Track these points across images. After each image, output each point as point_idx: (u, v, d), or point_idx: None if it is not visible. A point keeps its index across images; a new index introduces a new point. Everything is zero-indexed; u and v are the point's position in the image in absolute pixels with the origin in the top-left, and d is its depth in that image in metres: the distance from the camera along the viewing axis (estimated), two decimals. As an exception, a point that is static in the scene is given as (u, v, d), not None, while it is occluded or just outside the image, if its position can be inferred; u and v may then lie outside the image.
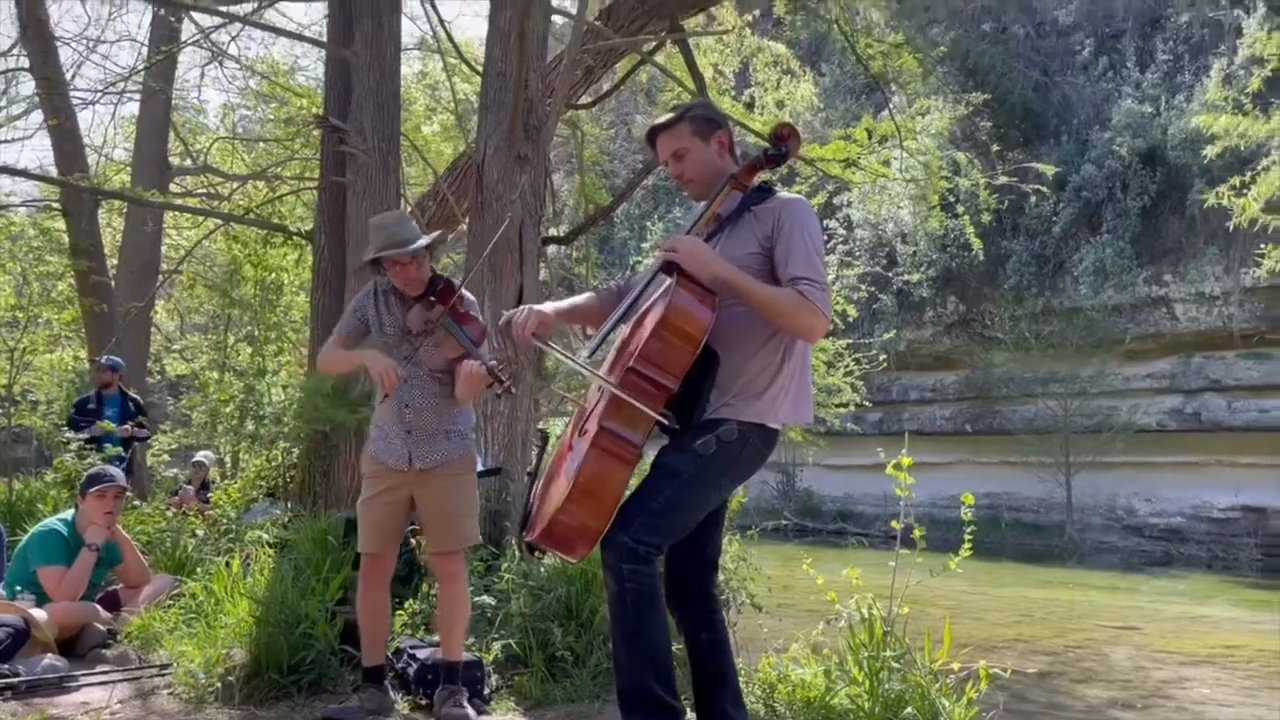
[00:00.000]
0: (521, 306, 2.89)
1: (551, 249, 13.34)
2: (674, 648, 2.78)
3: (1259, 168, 8.93)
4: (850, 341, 9.17)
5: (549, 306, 2.91)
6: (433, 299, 3.49)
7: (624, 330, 2.82)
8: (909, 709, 3.79)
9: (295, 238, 8.53)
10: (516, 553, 4.61)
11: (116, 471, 4.92)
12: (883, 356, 11.74)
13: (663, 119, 2.86)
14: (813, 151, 7.33)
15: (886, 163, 9.07)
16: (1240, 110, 7.55)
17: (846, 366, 8.61)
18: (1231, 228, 10.88)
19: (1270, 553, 17.41)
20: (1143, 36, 20.48)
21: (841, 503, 21.66)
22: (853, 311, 9.94)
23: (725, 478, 2.66)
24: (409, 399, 3.49)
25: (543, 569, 4.57)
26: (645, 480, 2.65)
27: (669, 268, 2.60)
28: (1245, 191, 5.97)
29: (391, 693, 3.66)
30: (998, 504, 20.43)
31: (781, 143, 2.66)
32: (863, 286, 13.44)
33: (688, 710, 2.67)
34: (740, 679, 4.05)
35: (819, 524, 21.04)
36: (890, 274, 20.26)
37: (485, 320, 3.70)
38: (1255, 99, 8.88)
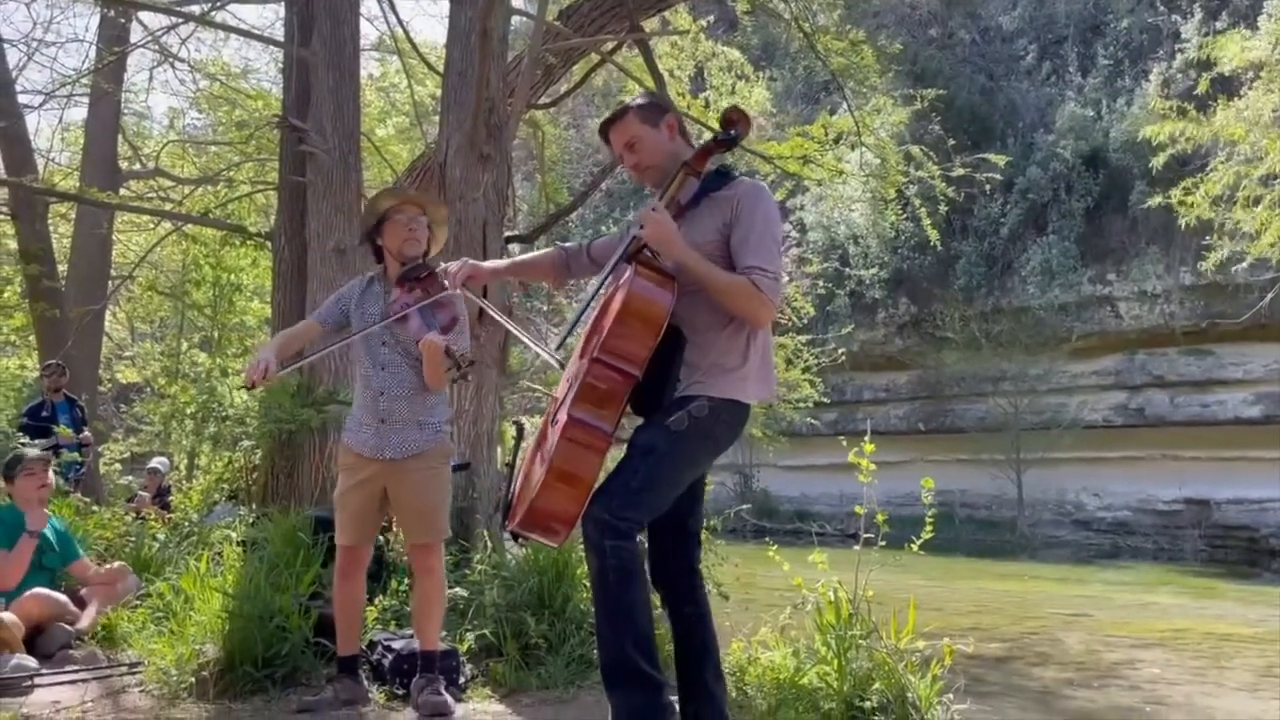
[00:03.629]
0: (460, 260, 3.01)
1: (513, 251, 13.35)
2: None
3: (1208, 168, 9.20)
4: (809, 338, 9.32)
5: (490, 264, 3.07)
6: (417, 278, 3.50)
7: (591, 317, 2.88)
8: (877, 685, 3.88)
9: (254, 239, 8.46)
10: (488, 545, 4.64)
11: (31, 450, 4.90)
12: (841, 350, 11.91)
13: (611, 114, 2.93)
14: (771, 149, 7.45)
15: (842, 161, 9.27)
16: (1183, 114, 7.82)
17: (805, 363, 8.75)
18: (1179, 227, 11.20)
19: (1213, 543, 17.93)
20: (1084, 42, 21.04)
21: (798, 503, 21.87)
22: (810, 309, 10.09)
23: (700, 453, 2.73)
24: (384, 386, 3.49)
25: (513, 559, 4.61)
26: (623, 458, 2.71)
27: (636, 250, 2.68)
28: (1194, 191, 6.19)
29: (365, 683, 3.67)
30: (951, 501, 20.77)
31: (731, 126, 2.71)
32: (819, 284, 13.65)
33: (669, 684, 2.72)
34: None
35: (776, 524, 21.19)
36: (845, 269, 20.52)
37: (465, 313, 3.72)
38: (1196, 101, 9.19)
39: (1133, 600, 11.77)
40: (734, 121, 2.72)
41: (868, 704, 3.83)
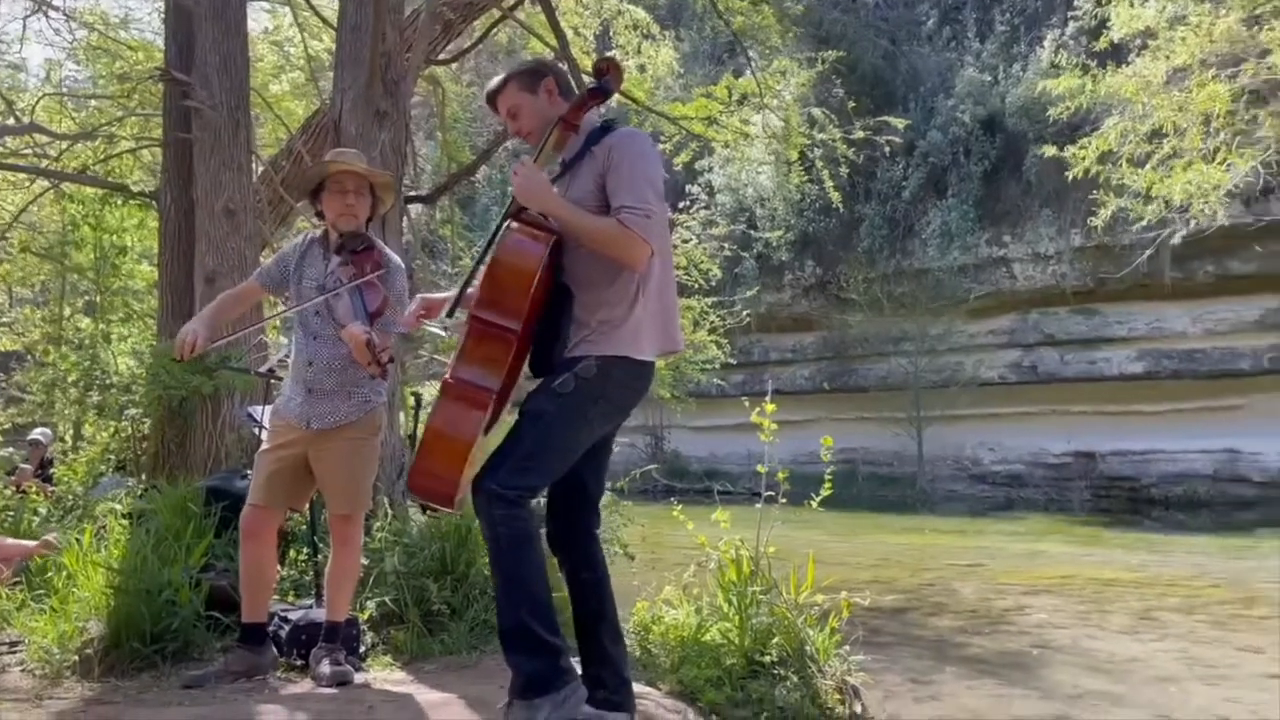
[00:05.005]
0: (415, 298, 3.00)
1: (415, 212, 13.06)
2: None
3: (1101, 128, 9.45)
4: (717, 300, 9.38)
5: (441, 295, 3.02)
6: (354, 251, 3.40)
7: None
8: (777, 639, 3.96)
9: (138, 198, 8.07)
10: (388, 512, 4.57)
11: None
12: (746, 312, 12.03)
13: (493, 83, 2.91)
14: (675, 109, 7.42)
15: (748, 123, 9.29)
16: (1084, 70, 8.05)
17: (711, 324, 8.82)
18: (1071, 190, 11.58)
19: (1099, 493, 18.83)
20: (982, 8, 21.47)
21: (708, 463, 22.15)
22: (717, 270, 10.15)
23: (591, 413, 2.68)
24: (313, 356, 3.41)
25: (415, 526, 4.55)
26: (513, 426, 2.68)
27: (518, 209, 2.68)
28: (1086, 145, 6.41)
29: (272, 652, 3.57)
30: (854, 458, 21.31)
31: (602, 76, 2.71)
32: (727, 246, 13.73)
33: (567, 648, 2.73)
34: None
35: (686, 484, 21.44)
36: (752, 232, 20.72)
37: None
38: (1094, 58, 9.44)
39: (1024, 549, 12.28)
40: (603, 71, 2.71)
41: (768, 658, 3.91)
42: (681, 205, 19.10)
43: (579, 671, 2.75)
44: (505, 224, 2.69)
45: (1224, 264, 16.86)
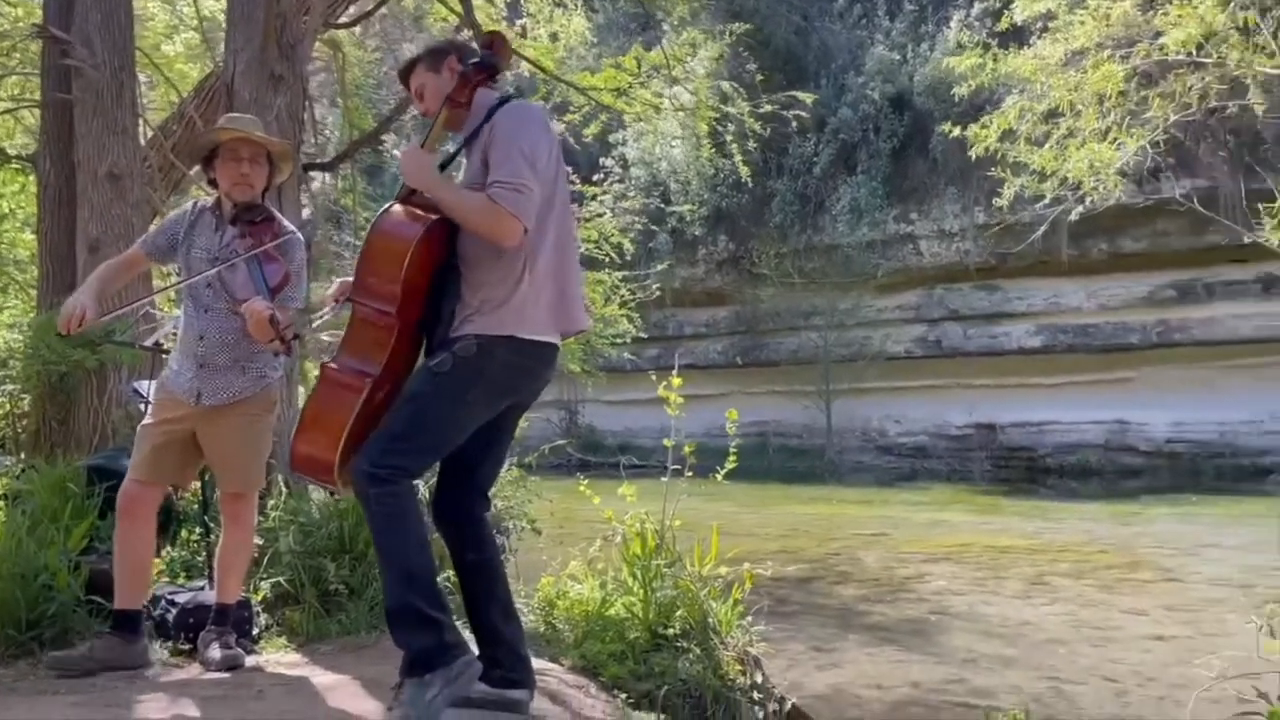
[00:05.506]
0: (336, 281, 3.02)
1: (317, 182, 12.69)
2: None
3: (1001, 108, 9.68)
4: (626, 274, 9.36)
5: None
6: (251, 222, 3.25)
7: None
8: (680, 612, 3.99)
9: (14, 162, 7.62)
10: (283, 490, 4.44)
11: None
12: (656, 287, 12.04)
13: (403, 64, 2.91)
14: (584, 80, 7.33)
15: (662, 97, 9.24)
16: (986, 48, 8.22)
17: (622, 299, 8.80)
18: (975, 169, 11.85)
19: (998, 464, 19.49)
20: (892, -13, 21.76)
21: (622, 437, 22.19)
22: (629, 245, 10.11)
23: (471, 393, 2.63)
24: (204, 330, 3.27)
25: (315, 508, 4.43)
26: (392, 407, 2.65)
27: (408, 192, 2.67)
28: (987, 124, 6.56)
29: (147, 641, 3.43)
30: (765, 430, 21.62)
31: (487, 49, 2.68)
32: (639, 221, 13.67)
33: (453, 623, 2.70)
34: (522, 601, 4.14)
35: (600, 458, 21.48)
36: (666, 206, 20.75)
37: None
38: (996, 39, 9.65)
39: (926, 519, 12.65)
40: (489, 45, 2.68)
41: (671, 630, 3.93)
42: (595, 178, 19.09)
43: (472, 648, 2.73)
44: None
45: (1116, 242, 17.53)
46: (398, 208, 2.64)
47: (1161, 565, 8.65)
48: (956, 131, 7.49)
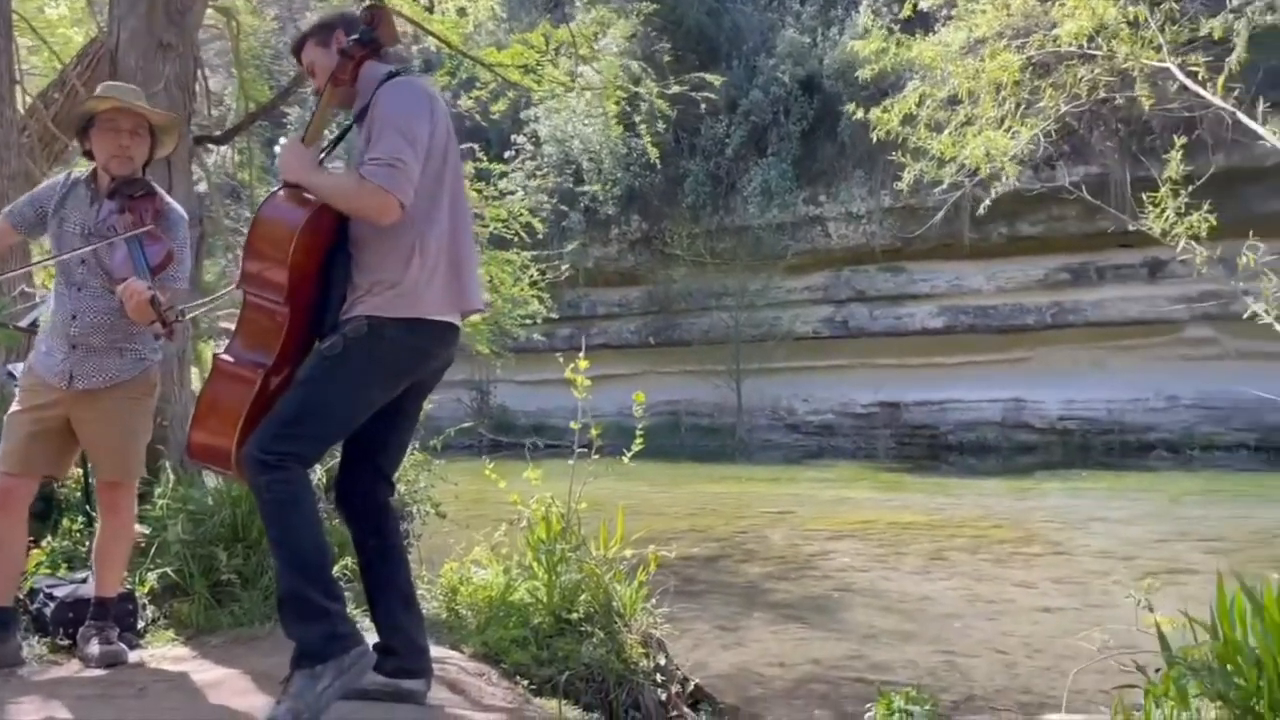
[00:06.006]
0: None
1: (214, 155, 12.22)
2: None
3: (903, 93, 9.87)
4: (536, 254, 9.25)
5: None
6: (131, 197, 3.08)
7: None
8: (584, 596, 3.98)
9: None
10: (170, 477, 4.28)
11: None
12: (565, 267, 11.94)
13: (294, 40, 2.87)
14: (491, 56, 7.19)
15: (572, 76, 9.14)
16: (891, 32, 8.34)
17: (531, 278, 8.71)
18: (881, 152, 12.04)
19: (901, 441, 20.01)
20: (803, -30, 21.91)
21: (535, 417, 22.07)
22: (539, 225, 10.00)
23: (366, 375, 2.58)
24: (77, 309, 3.09)
25: (207, 495, 4.28)
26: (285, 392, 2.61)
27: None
28: (889, 109, 6.67)
29: (19, 639, 3.26)
30: (678, 410, 21.78)
31: (367, 25, 2.63)
32: (548, 201, 13.56)
33: (347, 613, 2.64)
34: (425, 588, 4.08)
35: (513, 439, 21.36)
36: (578, 187, 20.67)
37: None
38: (899, 25, 9.82)
39: (832, 496, 12.91)
40: (369, 21, 2.63)
41: (575, 615, 3.92)
42: (507, 154, 18.83)
43: (367, 639, 2.68)
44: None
45: (1015, 226, 18.08)
46: (282, 192, 2.58)
47: (1051, 539, 9.00)
48: (861, 115, 7.59)
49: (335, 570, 2.90)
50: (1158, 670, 2.42)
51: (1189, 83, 4.78)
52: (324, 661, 2.48)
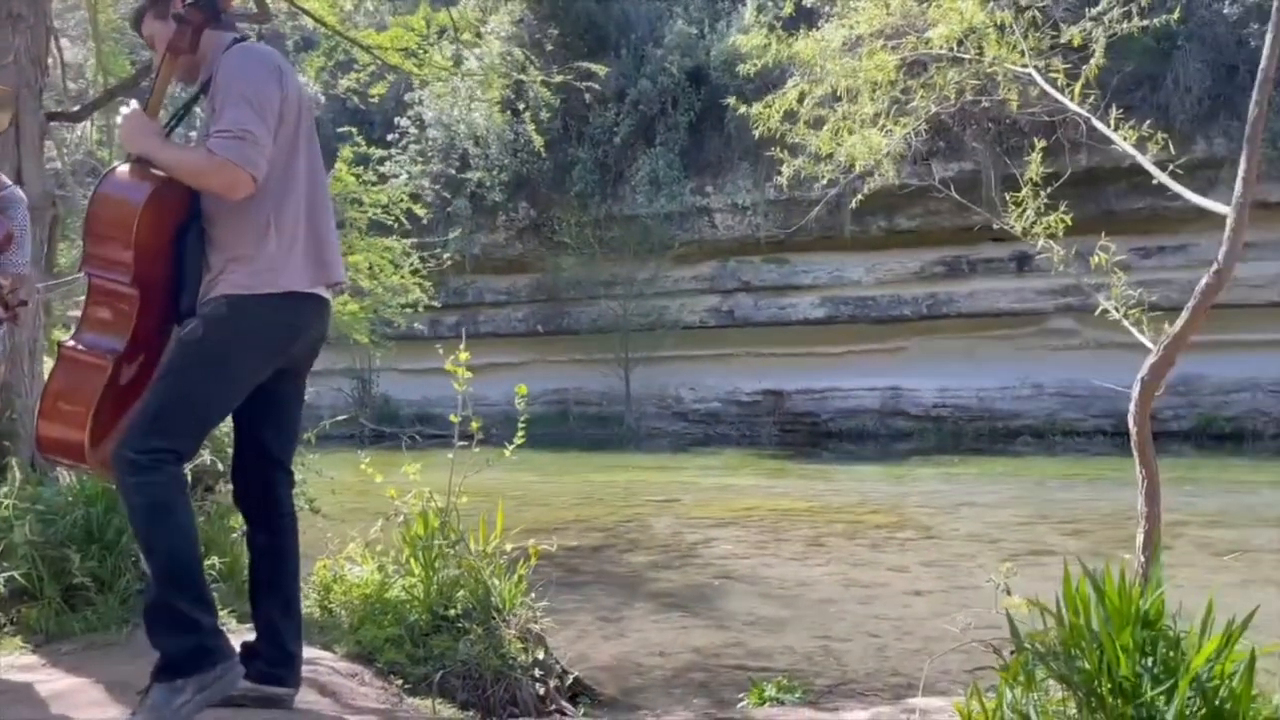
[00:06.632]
0: None
1: (75, 132, 11.56)
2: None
3: (783, 90, 10.02)
4: (416, 241, 9.05)
5: None
6: None
7: None
8: (462, 592, 3.93)
9: None
10: (16, 476, 4.03)
11: None
12: (447, 256, 11.74)
13: (132, 12, 2.74)
14: (370, 37, 6.99)
15: (458, 62, 8.96)
16: (771, 29, 8.46)
17: (413, 265, 8.52)
18: (766, 146, 12.19)
19: (785, 428, 20.46)
20: (691, -39, 22.03)
21: (420, 406, 21.68)
22: (420, 212, 9.79)
23: (232, 357, 2.48)
24: None
25: (59, 493, 4.05)
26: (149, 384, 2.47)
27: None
28: (770, 104, 6.77)
29: None
30: (566, 399, 21.75)
31: None
32: (430, 187, 13.32)
33: (217, 626, 2.54)
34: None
35: (397, 429, 20.96)
36: (463, 174, 20.39)
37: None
38: (780, 20, 9.97)
39: (716, 483, 13.11)
40: None
41: (453, 611, 3.87)
42: (390, 137, 18.37)
43: (235, 652, 2.58)
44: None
45: (893, 220, 18.67)
46: (123, 168, 2.46)
47: (923, 523, 9.34)
48: (743, 109, 7.68)
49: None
50: (1013, 652, 2.52)
51: (1048, 87, 4.99)
52: (187, 675, 2.38)
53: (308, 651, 3.23)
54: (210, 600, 2.54)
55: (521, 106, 16.03)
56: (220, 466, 5.11)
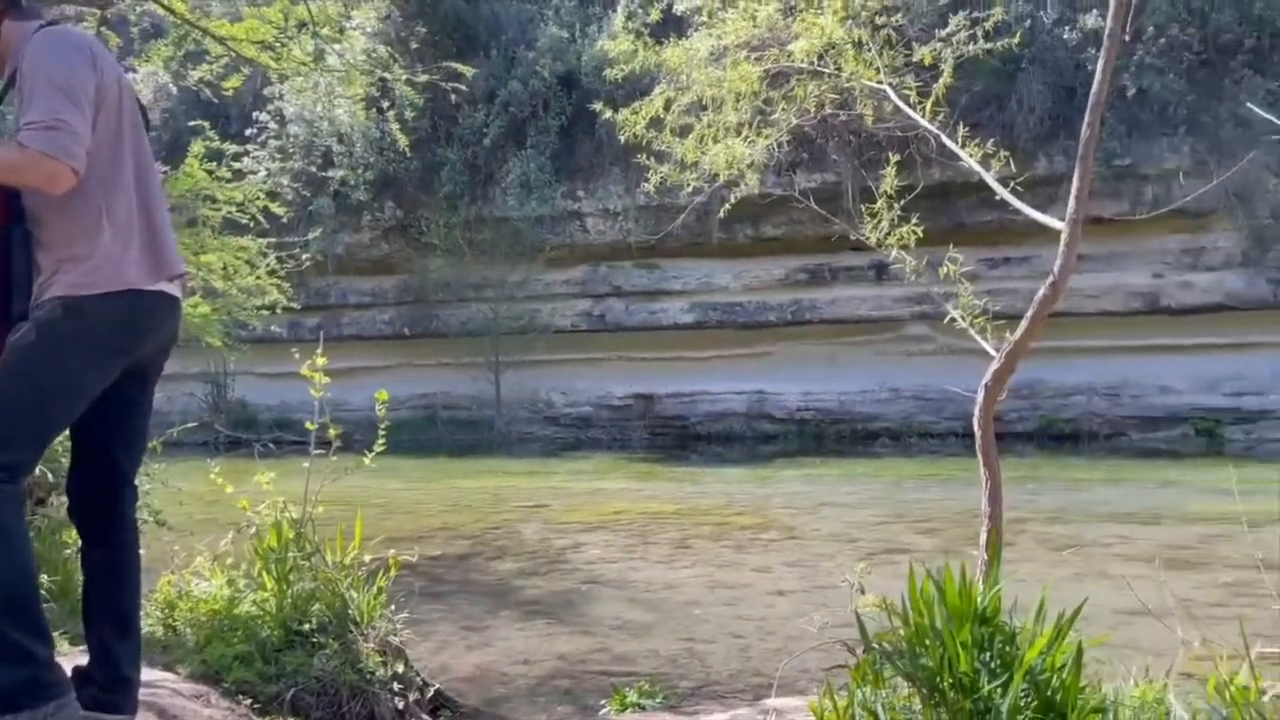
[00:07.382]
0: None
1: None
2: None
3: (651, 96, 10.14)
4: (274, 241, 8.70)
5: None
6: None
7: None
8: (318, 605, 3.81)
9: None
10: None
11: None
12: (307, 257, 11.34)
13: None
14: (223, 28, 6.69)
15: (319, 57, 8.64)
16: (639, 35, 8.53)
17: (269, 266, 8.19)
18: (629, 143, 12.29)
19: (655, 432, 20.65)
20: (562, -36, 22.02)
21: (278, 411, 20.90)
22: (280, 210, 9.42)
23: (70, 360, 2.32)
24: None
25: None
26: None
27: None
28: (636, 110, 6.82)
29: None
30: (434, 403, 21.37)
31: None
32: (288, 185, 12.84)
33: (53, 658, 2.37)
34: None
35: (254, 435, 20.15)
36: (327, 172, 19.81)
37: None
38: (648, 28, 10.07)
39: (586, 488, 13.11)
40: None
41: (307, 626, 3.75)
42: (248, 132, 17.66)
43: (71, 688, 2.41)
44: None
45: (759, 228, 19.11)
46: None
47: (786, 524, 9.58)
48: (610, 115, 7.72)
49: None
50: (865, 651, 2.60)
51: (901, 104, 5.20)
52: (17, 711, 2.22)
53: (149, 673, 3.06)
54: (47, 630, 2.37)
55: (386, 105, 15.70)
56: (52, 478, 4.79)
